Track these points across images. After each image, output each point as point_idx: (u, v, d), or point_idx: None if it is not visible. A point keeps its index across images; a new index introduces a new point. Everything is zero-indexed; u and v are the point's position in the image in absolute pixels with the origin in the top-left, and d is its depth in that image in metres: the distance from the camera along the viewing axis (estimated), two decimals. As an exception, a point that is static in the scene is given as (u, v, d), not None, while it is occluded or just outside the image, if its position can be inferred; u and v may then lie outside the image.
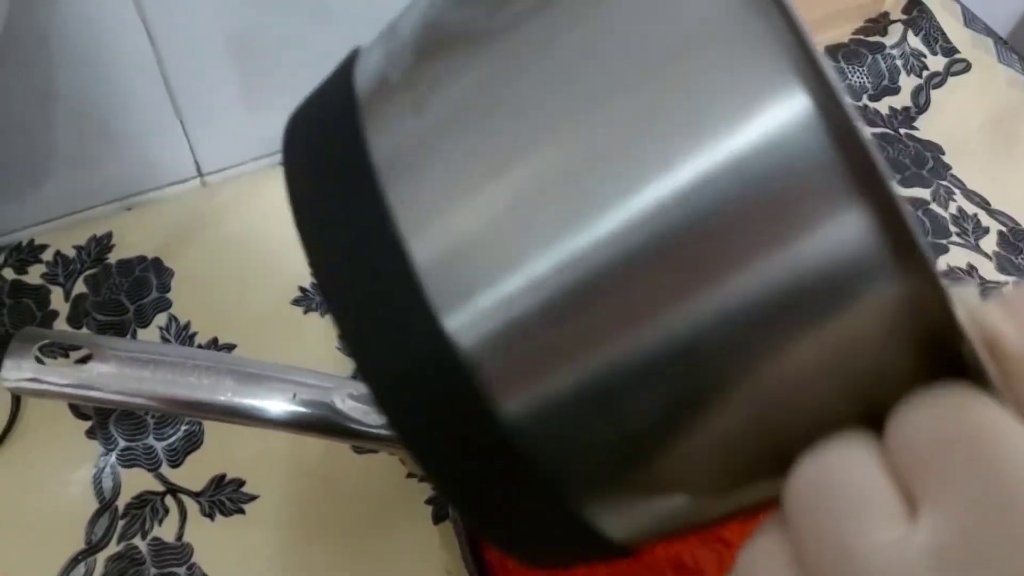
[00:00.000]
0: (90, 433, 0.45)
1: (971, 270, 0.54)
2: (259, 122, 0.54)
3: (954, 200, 0.58)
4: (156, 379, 0.38)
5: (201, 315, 0.50)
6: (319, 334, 0.49)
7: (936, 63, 0.65)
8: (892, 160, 0.60)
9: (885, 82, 0.65)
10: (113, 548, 0.42)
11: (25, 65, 0.45)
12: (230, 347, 0.48)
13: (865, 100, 0.64)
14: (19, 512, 0.43)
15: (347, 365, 0.48)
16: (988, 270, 0.54)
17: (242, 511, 0.44)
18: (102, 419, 0.46)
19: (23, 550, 0.42)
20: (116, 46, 0.47)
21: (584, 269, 0.16)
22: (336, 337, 0.49)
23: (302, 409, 0.39)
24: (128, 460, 0.45)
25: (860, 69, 0.65)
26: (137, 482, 0.44)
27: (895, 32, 0.66)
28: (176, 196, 0.54)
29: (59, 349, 0.40)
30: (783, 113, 0.15)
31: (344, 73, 0.21)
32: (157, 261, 0.51)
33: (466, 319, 0.17)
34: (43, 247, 0.52)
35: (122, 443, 0.45)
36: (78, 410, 0.46)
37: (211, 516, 0.44)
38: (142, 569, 0.42)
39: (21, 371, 0.38)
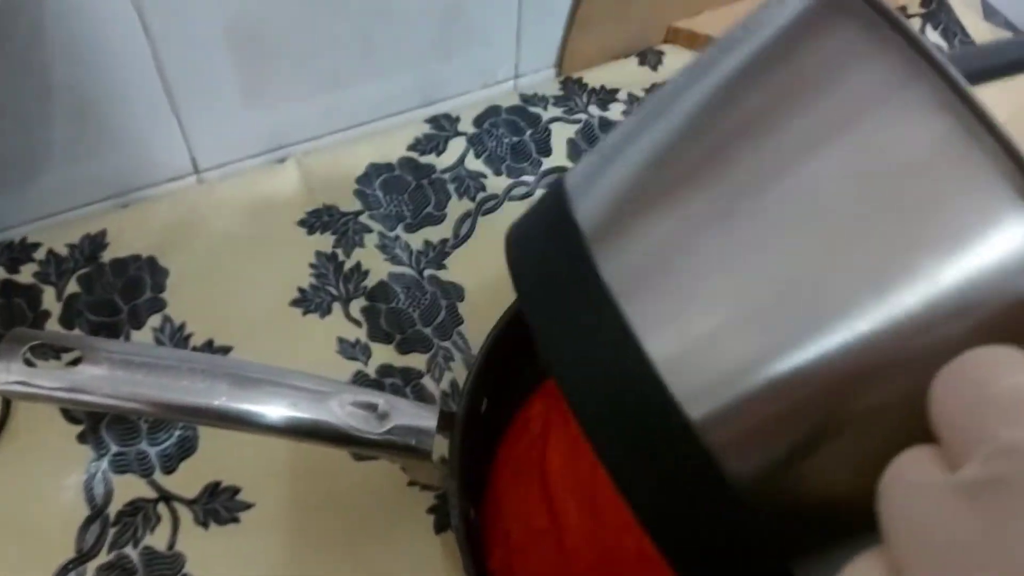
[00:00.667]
0: (82, 438, 0.44)
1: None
2: (258, 118, 0.53)
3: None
4: (149, 383, 0.36)
5: (197, 316, 0.48)
6: (318, 336, 0.48)
7: (952, 61, 0.63)
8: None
9: (899, 80, 0.63)
10: (104, 557, 0.41)
11: (18, 59, 0.44)
12: (226, 349, 0.47)
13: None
14: (8, 519, 0.42)
15: (346, 368, 0.47)
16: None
17: (237, 520, 0.42)
18: (94, 423, 0.44)
19: (12, 558, 0.41)
20: (111, 40, 0.45)
21: (806, 376, 0.18)
22: (336, 340, 0.48)
23: (299, 415, 0.37)
24: (120, 466, 0.43)
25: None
26: (129, 489, 0.43)
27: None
28: (172, 193, 0.53)
29: (50, 351, 0.39)
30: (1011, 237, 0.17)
31: (559, 199, 0.24)
32: (152, 260, 0.50)
33: (703, 405, 0.20)
34: (35, 245, 0.50)
35: (114, 448, 0.44)
36: (70, 414, 0.45)
37: (205, 524, 0.42)
38: (134, 579, 0.41)
39: (10, 374, 0.36)
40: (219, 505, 0.43)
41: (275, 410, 0.37)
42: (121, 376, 0.36)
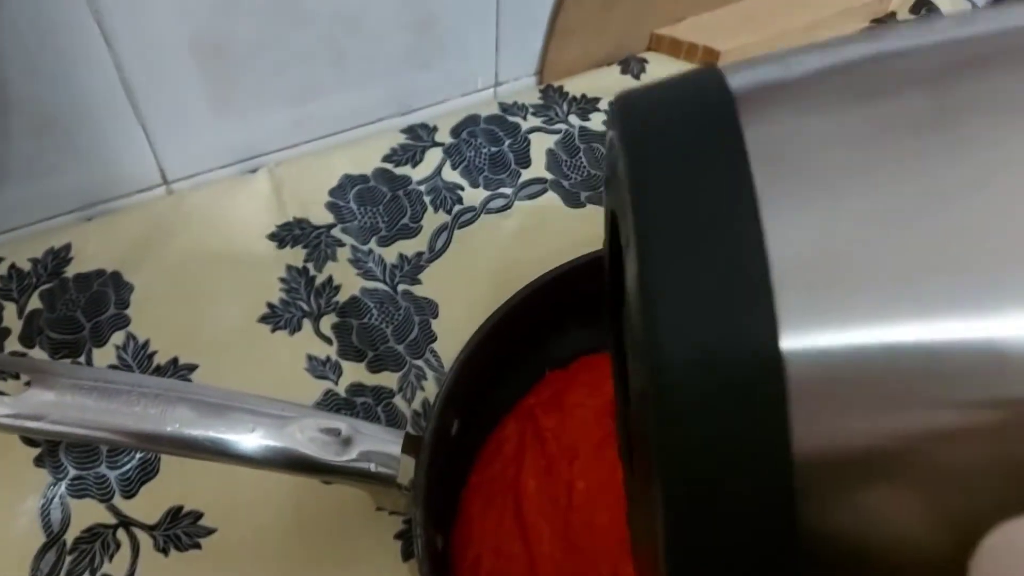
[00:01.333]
0: (39, 461, 0.43)
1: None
2: (228, 128, 0.51)
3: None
4: (100, 408, 0.35)
5: (162, 333, 0.47)
6: (287, 353, 0.47)
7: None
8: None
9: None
10: (60, 586, 0.40)
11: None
12: (191, 367, 0.46)
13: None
14: (-40, 546, 0.40)
15: (315, 387, 0.46)
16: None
17: (198, 546, 0.41)
18: (52, 446, 0.43)
19: (-37, 588, 0.39)
20: (70, 51, 0.44)
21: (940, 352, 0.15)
22: (306, 357, 0.46)
23: (259, 442, 0.36)
24: (79, 490, 0.42)
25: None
26: (88, 514, 0.41)
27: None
28: (140, 205, 0.52)
29: (9, 375, 0.38)
30: None
31: (720, 101, 0.18)
32: (116, 275, 0.48)
33: (801, 342, 0.15)
34: (-3, 260, 0.49)
35: (72, 472, 0.42)
36: (27, 437, 0.43)
37: (165, 551, 0.41)
38: (90, 609, 0.39)
39: (-49, 400, 0.35)
40: (180, 531, 0.41)
41: (233, 437, 0.36)
42: (70, 402, 0.35)
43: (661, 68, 0.60)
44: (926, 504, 0.16)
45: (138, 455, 0.43)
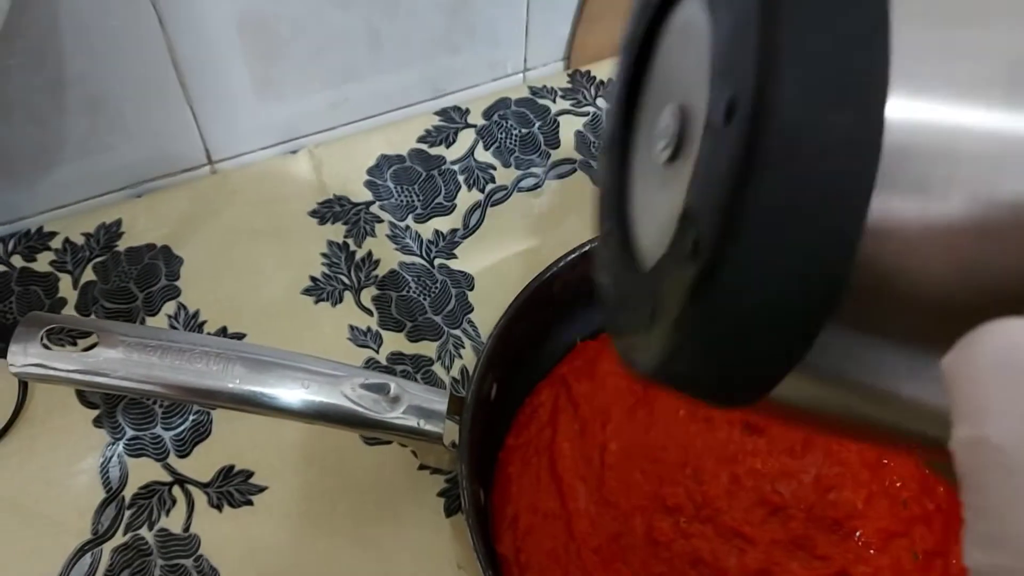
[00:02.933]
0: (97, 422, 0.45)
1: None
2: (270, 110, 0.53)
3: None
4: (164, 365, 0.37)
5: (210, 304, 0.49)
6: (329, 324, 0.49)
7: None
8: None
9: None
10: (119, 539, 0.42)
11: (35, 52, 0.45)
12: (239, 336, 0.48)
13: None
14: (25, 501, 0.42)
15: (357, 355, 0.48)
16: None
17: (250, 502, 0.43)
18: (110, 407, 0.45)
19: (29, 540, 0.42)
20: (125, 32, 0.46)
21: None
22: (348, 327, 0.48)
23: (313, 397, 0.38)
24: (135, 449, 0.44)
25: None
26: (144, 472, 0.44)
27: None
28: (186, 183, 0.54)
29: (67, 337, 0.40)
30: None
31: None
32: (166, 249, 0.51)
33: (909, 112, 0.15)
34: (52, 234, 0.51)
35: (129, 432, 0.44)
36: (85, 398, 0.45)
37: (219, 507, 0.43)
38: (148, 560, 0.41)
39: (27, 356, 0.37)
40: (233, 488, 0.43)
41: (288, 392, 0.38)
42: (136, 359, 0.37)
43: (685, 54, 0.62)
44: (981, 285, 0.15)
45: (191, 417, 0.45)
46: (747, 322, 0.16)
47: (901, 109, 0.15)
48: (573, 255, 0.45)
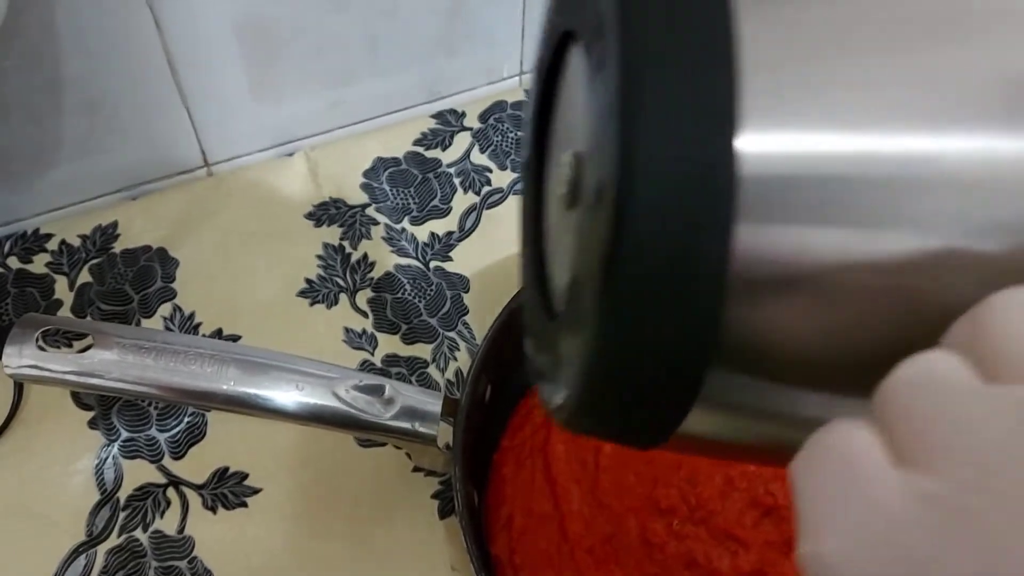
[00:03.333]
0: (92, 423, 0.45)
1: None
2: (267, 113, 0.54)
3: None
4: (158, 367, 0.37)
5: (206, 305, 0.49)
6: (325, 326, 0.49)
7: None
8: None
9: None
10: (114, 540, 0.42)
11: (32, 54, 0.45)
12: (234, 338, 0.48)
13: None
14: (20, 502, 0.42)
15: (352, 357, 0.48)
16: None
17: (245, 504, 0.43)
18: (104, 409, 0.45)
19: (23, 541, 0.42)
20: (122, 34, 0.46)
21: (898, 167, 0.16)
22: (343, 329, 0.48)
23: (306, 399, 0.38)
24: (130, 451, 0.44)
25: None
26: (139, 474, 0.44)
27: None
28: (182, 186, 0.54)
29: (62, 339, 0.40)
30: None
31: None
32: (162, 251, 0.51)
33: (760, 143, 0.16)
34: (48, 236, 0.51)
35: (124, 434, 0.44)
36: (80, 400, 0.45)
37: (213, 509, 0.43)
38: (143, 562, 0.41)
39: (22, 357, 0.37)
40: (227, 490, 0.43)
41: (282, 394, 0.38)
42: (130, 360, 0.37)
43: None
44: (846, 325, 0.17)
45: (186, 419, 0.45)
46: (636, 380, 0.17)
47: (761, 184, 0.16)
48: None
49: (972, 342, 0.15)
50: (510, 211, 0.54)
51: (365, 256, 0.51)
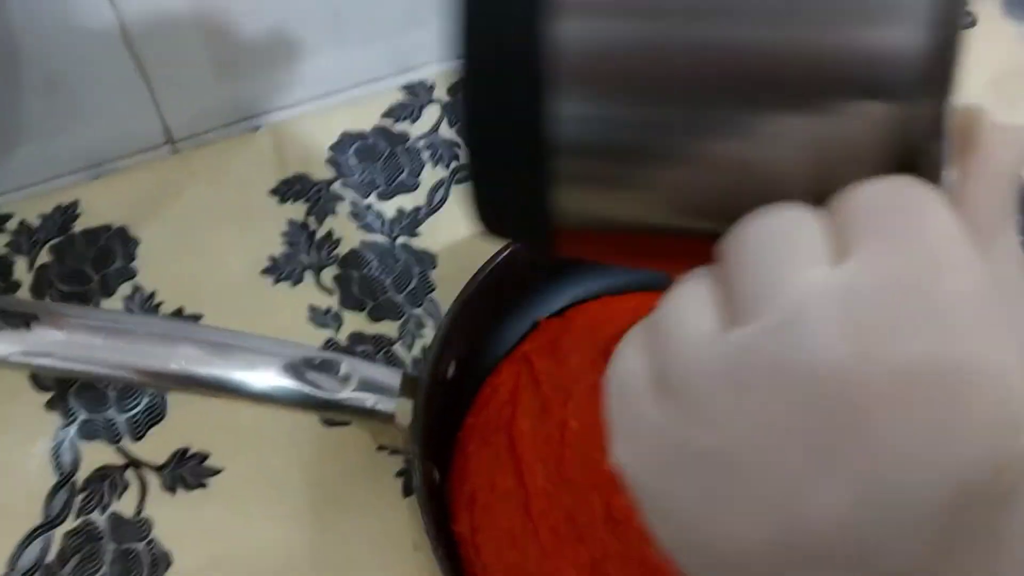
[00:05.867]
0: (50, 405, 0.44)
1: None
2: (230, 88, 0.52)
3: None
4: (107, 346, 0.36)
5: (167, 285, 0.48)
6: (289, 304, 0.48)
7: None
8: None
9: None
10: (71, 523, 0.41)
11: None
12: (196, 317, 0.47)
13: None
14: (-25, 486, 0.42)
15: (317, 335, 0.47)
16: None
17: (204, 485, 0.42)
18: (62, 391, 0.44)
19: (-21, 525, 0.41)
20: (76, 12, 0.45)
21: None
22: (308, 308, 0.48)
23: (259, 378, 0.37)
24: (89, 433, 0.43)
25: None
26: (97, 455, 0.43)
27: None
28: (145, 164, 0.53)
29: (20, 320, 0.39)
30: None
31: None
32: (123, 230, 0.50)
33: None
34: (7, 216, 0.50)
35: (83, 415, 0.44)
36: (39, 382, 0.45)
37: (172, 490, 0.42)
38: (100, 545, 0.41)
39: (-35, 338, 0.36)
40: (187, 471, 0.43)
41: (235, 374, 0.37)
42: (79, 340, 0.36)
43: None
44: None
45: (145, 399, 0.44)
46: (499, 147, 0.19)
47: None
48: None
49: (722, 280, 0.17)
50: (479, 185, 0.53)
51: (330, 233, 0.50)
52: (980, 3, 0.63)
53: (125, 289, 0.48)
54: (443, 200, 0.52)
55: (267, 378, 0.37)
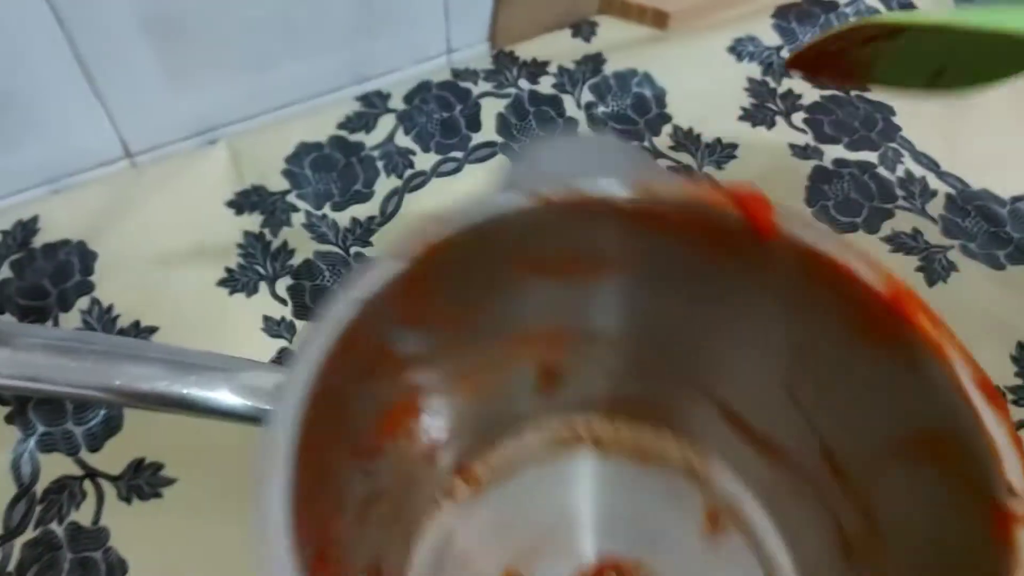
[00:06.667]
0: (9, 419, 0.45)
1: (916, 234, 0.53)
2: (185, 101, 0.53)
3: (902, 163, 0.56)
4: (50, 364, 0.37)
5: (124, 298, 0.49)
6: (244, 315, 0.49)
7: (890, 22, 0.63)
8: (840, 122, 0.58)
9: (837, 43, 0.63)
10: (30, 533, 0.42)
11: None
12: (152, 329, 0.48)
13: (816, 62, 0.62)
14: (-63, 499, 0.43)
15: (271, 345, 0.48)
16: (933, 234, 0.53)
17: (159, 495, 0.44)
18: (21, 405, 0.45)
19: (-59, 537, 0.42)
20: (22, 29, 0.46)
21: None
22: (262, 318, 0.49)
23: (206, 393, 0.38)
24: (47, 445, 0.45)
25: (812, 29, 0.64)
26: (56, 467, 0.44)
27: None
28: (104, 178, 0.54)
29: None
30: None
31: None
32: (81, 244, 0.51)
33: None
34: (-32, 233, 0.51)
35: (41, 428, 0.45)
36: (-2, 396, 0.46)
37: (128, 500, 0.43)
38: (59, 554, 0.42)
39: (-87, 358, 0.37)
40: (143, 481, 0.44)
41: (181, 390, 0.38)
42: (22, 359, 0.37)
43: (611, 31, 0.62)
44: None
45: (102, 412, 0.45)
46: None
47: None
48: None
49: None
50: (432, 194, 0.54)
51: (285, 243, 0.51)
52: (930, 3, 0.63)
53: (83, 303, 0.49)
54: (396, 209, 0.53)
55: (214, 394, 0.38)
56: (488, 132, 0.56)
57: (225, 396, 0.38)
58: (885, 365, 0.29)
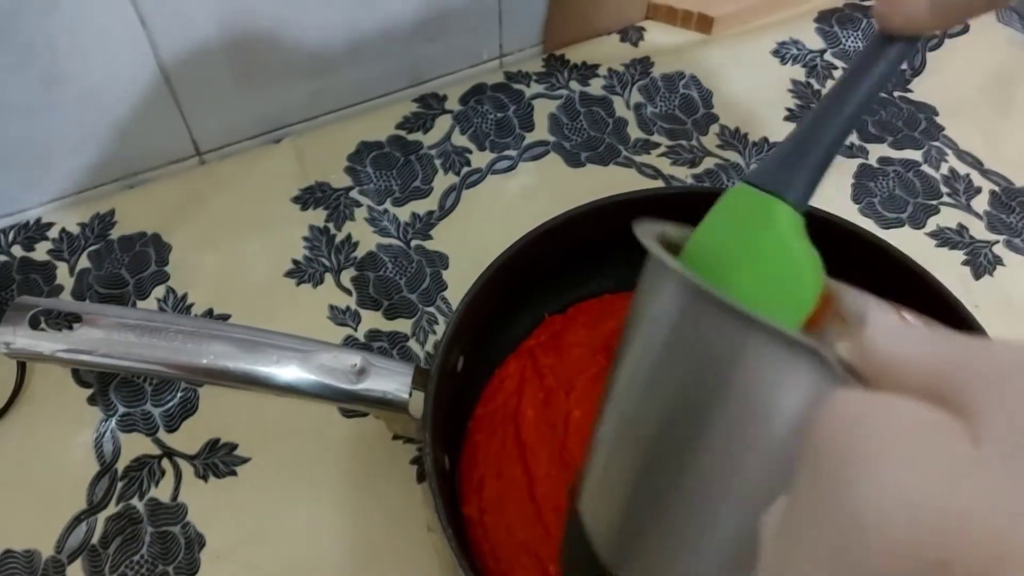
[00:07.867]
0: (91, 400, 0.48)
1: (961, 230, 0.54)
2: (253, 102, 0.56)
3: (946, 161, 0.57)
4: (142, 343, 0.40)
5: (198, 287, 0.51)
6: (311, 304, 0.51)
7: (932, 26, 0.64)
8: (884, 122, 0.59)
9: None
10: (112, 508, 0.45)
11: (24, 52, 0.48)
12: (225, 317, 0.50)
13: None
14: (25, 474, 0.45)
15: (336, 333, 0.50)
16: (979, 229, 0.54)
17: (234, 473, 0.46)
18: (103, 386, 0.48)
19: (29, 511, 0.44)
20: (110, 32, 0.48)
21: None
22: (328, 307, 0.51)
23: (283, 371, 0.40)
24: (127, 425, 0.47)
25: (855, 33, 0.65)
26: (136, 446, 0.46)
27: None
28: (176, 174, 0.56)
29: (63, 319, 0.43)
30: None
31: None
32: (156, 237, 0.53)
33: None
34: (49, 225, 0.54)
35: (121, 409, 0.47)
36: (80, 378, 0.48)
37: (205, 478, 0.45)
38: (139, 528, 0.44)
39: (15, 337, 0.40)
40: (218, 460, 0.46)
41: (261, 368, 0.40)
42: (116, 338, 0.40)
43: (658, 35, 0.64)
44: None
45: (179, 394, 0.48)
46: None
47: None
48: (537, 232, 0.47)
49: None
50: (488, 190, 0.56)
51: (349, 237, 0.54)
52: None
53: (159, 291, 0.51)
54: (454, 204, 0.55)
55: (291, 372, 0.40)
56: (541, 131, 0.58)
57: (305, 374, 0.40)
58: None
